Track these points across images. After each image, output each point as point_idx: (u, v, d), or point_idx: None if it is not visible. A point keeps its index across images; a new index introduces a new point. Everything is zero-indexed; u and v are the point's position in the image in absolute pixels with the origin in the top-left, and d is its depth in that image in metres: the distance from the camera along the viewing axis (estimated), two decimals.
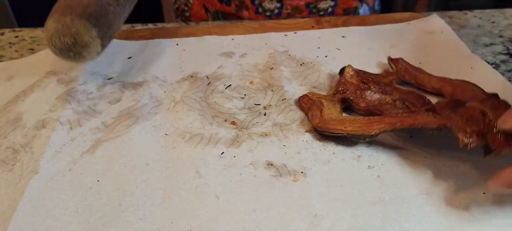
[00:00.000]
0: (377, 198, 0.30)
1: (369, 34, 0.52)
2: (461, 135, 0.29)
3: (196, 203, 0.30)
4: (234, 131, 0.37)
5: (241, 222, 0.28)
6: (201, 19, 0.65)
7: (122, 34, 0.54)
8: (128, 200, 0.30)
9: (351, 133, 0.33)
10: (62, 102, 0.41)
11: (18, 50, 0.54)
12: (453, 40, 0.50)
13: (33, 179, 0.32)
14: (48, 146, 0.35)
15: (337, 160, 0.33)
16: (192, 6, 0.65)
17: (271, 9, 0.62)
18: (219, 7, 0.63)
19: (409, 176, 0.31)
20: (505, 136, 0.28)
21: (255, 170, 0.32)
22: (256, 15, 0.63)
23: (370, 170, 0.32)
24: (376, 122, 0.33)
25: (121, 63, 0.48)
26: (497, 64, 0.49)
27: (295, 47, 0.50)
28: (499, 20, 0.59)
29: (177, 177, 0.32)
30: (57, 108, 0.40)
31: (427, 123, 0.30)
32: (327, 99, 0.38)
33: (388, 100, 0.37)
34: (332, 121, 0.35)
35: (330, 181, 0.31)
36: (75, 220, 0.29)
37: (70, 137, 0.36)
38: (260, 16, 0.63)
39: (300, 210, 0.29)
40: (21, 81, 0.45)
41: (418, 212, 0.29)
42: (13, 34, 0.58)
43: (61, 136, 0.36)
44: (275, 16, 0.63)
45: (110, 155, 0.34)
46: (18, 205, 0.29)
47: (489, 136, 0.28)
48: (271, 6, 0.61)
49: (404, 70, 0.42)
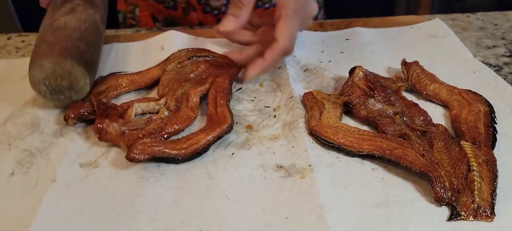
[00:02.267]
0: (381, 199, 0.30)
1: (372, 37, 0.53)
2: (438, 188, 0.30)
3: (206, 203, 0.31)
4: (245, 134, 0.38)
5: (251, 222, 0.29)
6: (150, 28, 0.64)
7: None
8: (140, 201, 0.31)
9: (343, 145, 0.34)
10: None
11: (25, 55, 0.55)
12: (456, 44, 0.51)
13: (51, 187, 0.32)
14: (65, 155, 0.36)
15: (341, 163, 0.34)
16: (140, 18, 0.65)
17: (218, 7, 0.62)
18: (166, 14, 0.63)
19: (413, 178, 0.32)
20: (476, 206, 0.29)
21: (265, 171, 0.33)
22: (204, 15, 0.63)
23: (374, 172, 0.33)
24: (368, 141, 0.34)
25: None
26: (499, 66, 0.49)
27: (300, 50, 0.51)
28: (502, 23, 0.60)
29: (188, 178, 0.33)
30: None
31: (413, 163, 0.31)
32: (330, 101, 0.39)
33: (389, 113, 0.37)
34: (328, 128, 0.36)
35: (335, 181, 0.32)
36: (90, 222, 0.30)
37: (86, 146, 0.37)
38: (208, 16, 0.63)
39: (308, 204, 0.30)
40: None
41: (422, 213, 0.29)
42: (20, 38, 0.59)
43: (78, 146, 0.37)
44: (222, 14, 0.63)
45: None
46: (36, 212, 0.30)
47: (462, 199, 0.29)
48: (218, 3, 0.61)
49: (415, 78, 0.42)
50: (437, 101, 0.41)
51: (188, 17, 0.63)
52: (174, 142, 0.35)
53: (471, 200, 0.29)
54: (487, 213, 0.28)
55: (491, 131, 0.35)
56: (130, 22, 0.67)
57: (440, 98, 0.40)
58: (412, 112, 0.38)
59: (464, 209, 0.29)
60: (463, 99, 0.39)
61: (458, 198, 0.29)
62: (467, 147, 0.32)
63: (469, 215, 0.28)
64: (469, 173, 0.30)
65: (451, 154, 0.33)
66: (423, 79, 0.42)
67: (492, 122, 0.36)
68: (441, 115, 0.39)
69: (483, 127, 0.35)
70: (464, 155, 0.32)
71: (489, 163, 0.32)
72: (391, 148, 0.33)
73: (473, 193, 0.29)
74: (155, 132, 0.36)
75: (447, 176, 0.31)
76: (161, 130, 0.37)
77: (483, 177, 0.30)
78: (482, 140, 0.34)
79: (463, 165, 0.31)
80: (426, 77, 0.42)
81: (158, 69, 0.45)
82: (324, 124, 0.36)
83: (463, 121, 0.37)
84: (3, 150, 0.37)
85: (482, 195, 0.29)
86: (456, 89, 0.41)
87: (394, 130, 0.35)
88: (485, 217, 0.28)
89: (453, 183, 0.30)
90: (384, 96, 0.40)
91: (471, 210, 0.29)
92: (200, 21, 0.63)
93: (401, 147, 0.33)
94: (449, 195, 0.29)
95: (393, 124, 0.36)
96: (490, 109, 0.38)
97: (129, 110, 0.39)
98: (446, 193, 0.30)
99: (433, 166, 0.31)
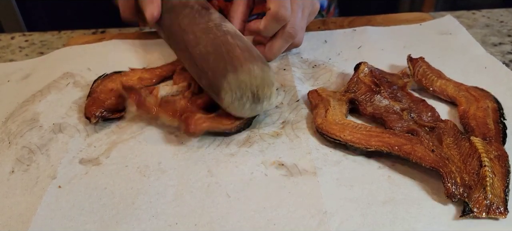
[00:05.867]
0: (387, 197, 0.30)
1: (382, 34, 0.53)
2: (449, 184, 0.29)
3: (207, 201, 0.30)
4: (246, 131, 0.37)
5: (251, 220, 0.29)
6: None
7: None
8: (141, 198, 0.31)
9: (350, 143, 0.33)
10: (79, 108, 0.41)
11: (28, 54, 0.55)
12: (467, 40, 0.50)
13: (51, 184, 0.32)
14: (65, 153, 0.35)
15: (347, 161, 0.33)
16: None
17: None
18: None
19: (420, 177, 0.31)
20: (489, 203, 0.28)
21: (266, 169, 0.33)
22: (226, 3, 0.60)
23: (380, 170, 0.32)
24: (376, 137, 0.33)
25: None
26: (506, 64, 0.48)
27: (307, 50, 0.50)
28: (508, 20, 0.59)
29: (189, 176, 0.32)
30: (73, 113, 0.40)
31: (423, 159, 0.31)
32: (335, 98, 0.38)
33: (396, 109, 0.37)
34: (334, 125, 0.35)
35: (340, 180, 0.31)
36: (90, 219, 0.29)
37: (86, 143, 0.36)
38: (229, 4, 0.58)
39: (310, 208, 0.29)
40: (38, 80, 0.46)
41: (429, 212, 0.29)
42: (23, 38, 0.59)
43: (78, 142, 0.36)
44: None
45: (124, 156, 0.35)
46: (36, 210, 0.30)
47: (474, 196, 0.28)
48: None
49: (422, 74, 0.41)
50: (444, 98, 0.40)
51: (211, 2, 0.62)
52: (220, 117, 0.36)
53: (484, 196, 0.28)
54: (501, 209, 0.28)
55: (501, 127, 0.34)
56: None
57: (447, 95, 0.40)
58: (419, 108, 0.37)
59: (476, 206, 0.28)
60: (470, 95, 0.39)
61: (470, 194, 0.29)
62: (478, 142, 0.32)
63: (482, 211, 0.28)
64: (481, 169, 0.29)
65: (461, 149, 0.32)
66: (430, 75, 0.41)
67: (501, 117, 0.35)
68: (448, 112, 0.39)
69: (493, 123, 0.35)
70: (475, 151, 0.31)
71: (501, 159, 0.31)
72: (400, 144, 0.32)
73: (485, 189, 0.28)
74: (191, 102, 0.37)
75: (458, 171, 0.30)
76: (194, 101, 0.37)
77: (495, 172, 0.29)
78: (492, 135, 0.33)
79: (474, 161, 0.30)
80: (433, 73, 0.42)
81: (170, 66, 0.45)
82: (330, 121, 0.35)
83: (472, 116, 0.36)
84: (3, 147, 0.36)
85: (495, 191, 0.28)
86: (463, 85, 0.40)
87: (402, 126, 0.35)
88: (499, 213, 0.27)
89: (464, 179, 0.29)
90: (390, 92, 0.39)
91: (484, 206, 0.28)
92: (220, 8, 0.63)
93: (410, 142, 0.32)
94: (461, 191, 0.29)
95: (400, 120, 0.35)
96: (498, 106, 0.37)
97: (155, 91, 0.39)
98: (458, 189, 0.29)
99: (444, 161, 0.30)
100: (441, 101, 0.40)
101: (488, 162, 0.30)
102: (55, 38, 0.60)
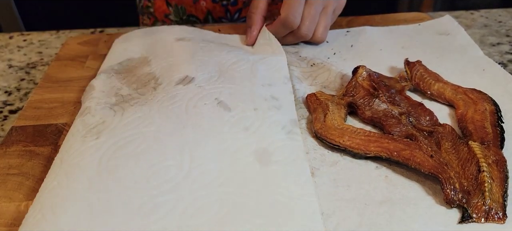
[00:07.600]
0: (385, 198, 0.30)
1: (380, 34, 0.53)
2: (448, 190, 0.29)
3: None
4: None
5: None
6: (164, 13, 0.67)
7: None
8: None
9: (349, 148, 0.33)
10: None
11: (26, 54, 0.55)
12: (465, 41, 0.50)
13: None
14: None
15: (345, 161, 0.33)
16: (155, 1, 0.67)
17: None
18: (178, 0, 0.65)
19: (418, 177, 0.32)
20: (488, 208, 0.28)
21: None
22: (213, 4, 0.64)
23: (377, 170, 0.32)
24: (375, 142, 0.33)
25: None
26: (504, 63, 0.49)
27: (306, 48, 0.50)
28: (506, 20, 0.59)
29: None
30: None
31: (422, 165, 0.31)
32: (334, 102, 0.39)
33: (395, 113, 0.37)
34: (333, 130, 0.35)
35: (337, 181, 0.31)
36: None
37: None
38: (217, 6, 0.64)
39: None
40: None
41: (425, 212, 0.29)
42: (22, 37, 0.59)
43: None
44: (231, 6, 0.64)
45: None
46: None
47: (473, 201, 0.28)
48: None
49: (419, 77, 0.41)
50: (441, 101, 0.40)
51: (197, 4, 0.64)
52: None
53: (482, 202, 0.28)
54: (499, 215, 0.28)
55: (499, 130, 0.34)
56: (146, 4, 0.69)
57: (444, 98, 0.40)
58: (418, 112, 0.37)
59: (475, 211, 0.28)
60: (468, 98, 0.39)
61: (468, 200, 0.29)
62: (476, 147, 0.32)
63: (481, 217, 0.28)
64: (479, 174, 0.30)
65: (460, 154, 0.32)
66: (427, 78, 0.41)
67: (499, 120, 0.35)
68: (446, 115, 0.39)
69: (491, 126, 0.35)
70: (473, 156, 0.31)
71: (499, 163, 0.31)
72: (399, 149, 0.32)
73: (484, 194, 0.28)
74: None
75: (456, 177, 0.30)
76: None
77: (494, 177, 0.30)
78: (490, 139, 0.33)
79: (472, 166, 0.30)
80: (430, 76, 0.42)
81: None
82: (329, 126, 0.35)
83: (470, 120, 0.36)
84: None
85: (493, 196, 0.29)
86: (461, 88, 0.40)
87: (400, 130, 0.35)
88: (497, 219, 0.28)
89: (463, 184, 0.30)
90: (388, 96, 0.39)
91: (482, 212, 0.28)
92: (208, 10, 0.65)
93: (409, 148, 0.32)
94: (460, 197, 0.29)
95: (399, 124, 0.36)
96: (496, 108, 0.37)
97: None
98: (457, 195, 0.29)
99: (442, 167, 0.30)
100: (439, 104, 0.40)
101: (487, 167, 0.30)
102: (53, 37, 0.60)
